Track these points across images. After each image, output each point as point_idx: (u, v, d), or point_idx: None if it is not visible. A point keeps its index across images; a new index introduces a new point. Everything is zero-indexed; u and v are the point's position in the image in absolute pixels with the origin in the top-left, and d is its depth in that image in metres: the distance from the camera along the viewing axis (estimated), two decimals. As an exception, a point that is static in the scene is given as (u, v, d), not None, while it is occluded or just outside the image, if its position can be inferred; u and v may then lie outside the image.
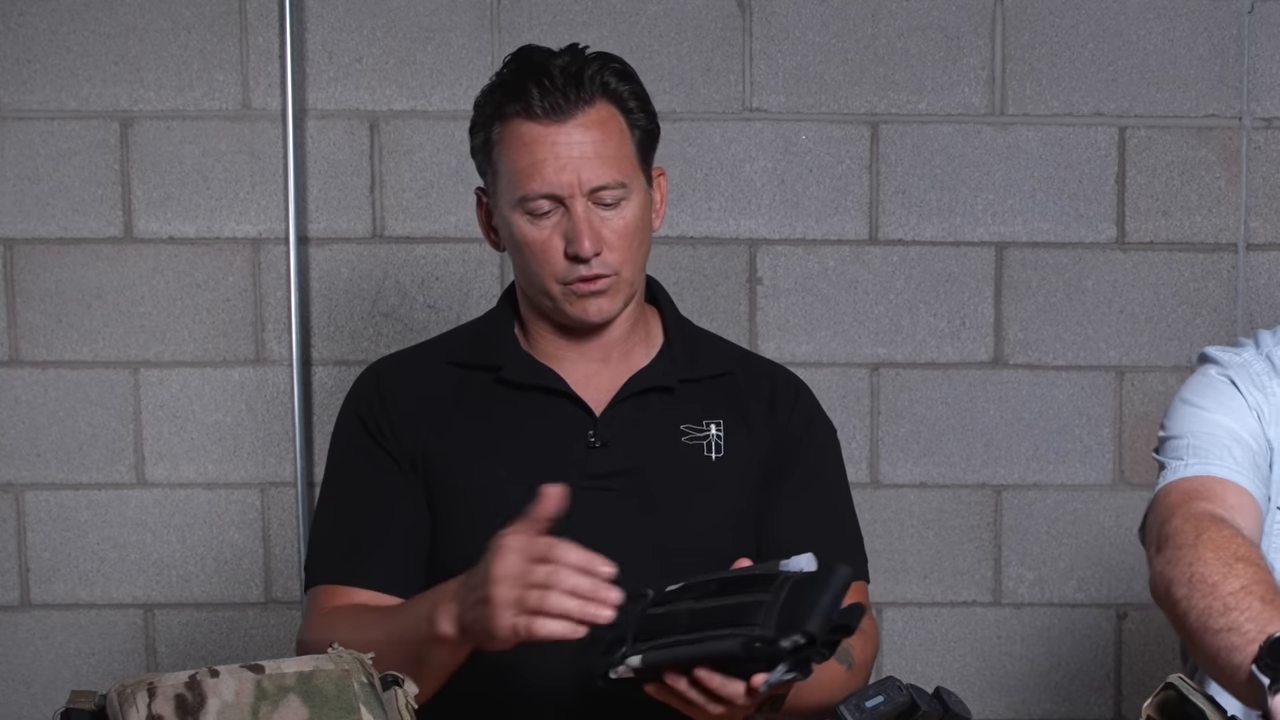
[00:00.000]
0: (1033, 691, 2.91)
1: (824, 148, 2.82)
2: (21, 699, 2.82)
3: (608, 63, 1.77)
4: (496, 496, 1.75)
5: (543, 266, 1.75)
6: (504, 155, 1.75)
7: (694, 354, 1.87)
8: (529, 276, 1.79)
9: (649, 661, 1.48)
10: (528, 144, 1.72)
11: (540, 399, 1.81)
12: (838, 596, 1.44)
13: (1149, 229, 2.84)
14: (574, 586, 1.47)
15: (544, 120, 1.72)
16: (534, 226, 1.74)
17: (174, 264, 2.79)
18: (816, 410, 1.91)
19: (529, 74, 1.74)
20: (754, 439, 1.83)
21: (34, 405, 2.79)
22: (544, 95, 1.71)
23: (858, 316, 2.84)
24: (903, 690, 1.54)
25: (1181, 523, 1.64)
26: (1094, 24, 2.81)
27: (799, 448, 1.86)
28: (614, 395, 1.81)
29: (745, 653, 1.42)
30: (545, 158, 1.72)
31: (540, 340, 1.84)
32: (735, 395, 1.86)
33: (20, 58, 2.74)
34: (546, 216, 1.74)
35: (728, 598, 1.48)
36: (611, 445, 1.79)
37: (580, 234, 1.71)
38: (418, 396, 1.83)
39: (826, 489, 1.89)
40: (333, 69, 2.78)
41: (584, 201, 1.72)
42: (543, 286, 1.77)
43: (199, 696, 1.32)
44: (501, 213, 1.78)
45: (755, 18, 2.79)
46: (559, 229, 1.73)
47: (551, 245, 1.74)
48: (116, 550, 2.81)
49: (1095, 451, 2.87)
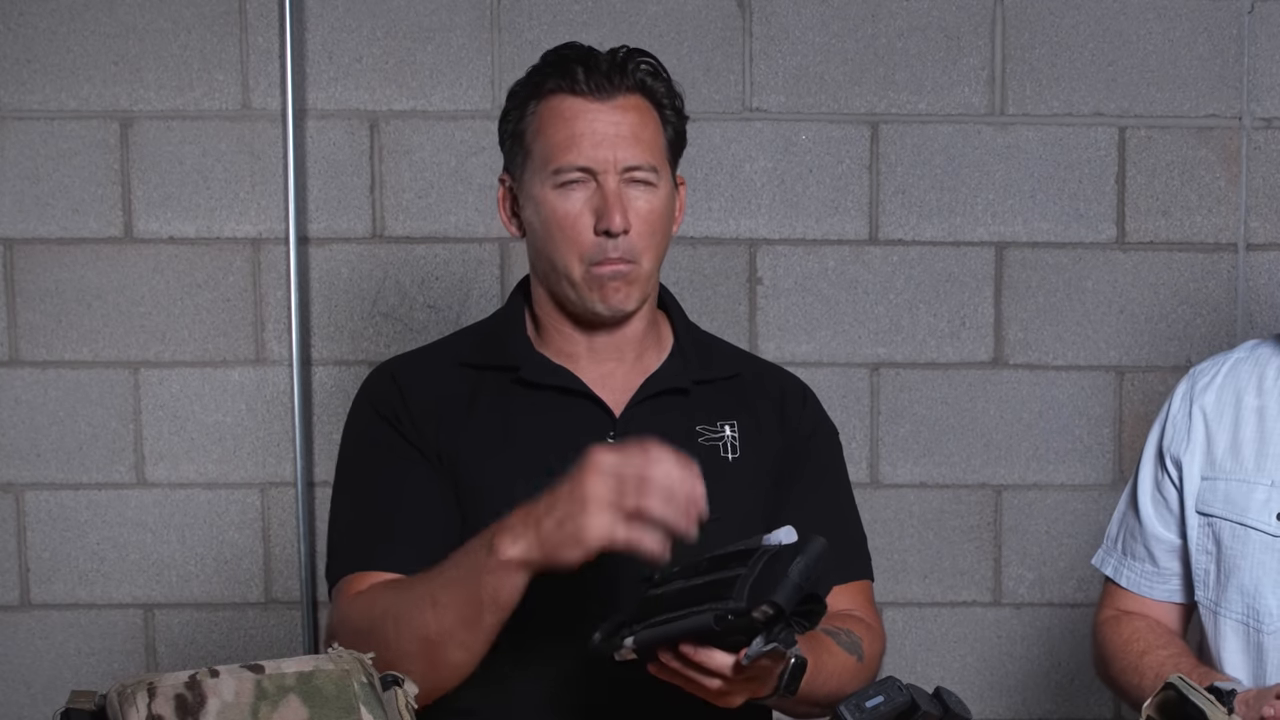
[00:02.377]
0: (1033, 691, 2.91)
1: (824, 148, 2.82)
2: (21, 699, 2.82)
3: (648, 60, 1.80)
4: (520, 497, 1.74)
5: (569, 244, 1.75)
6: (541, 131, 1.76)
7: (706, 357, 1.88)
8: (553, 259, 1.78)
9: (640, 641, 1.51)
10: (568, 118, 1.75)
11: (558, 399, 1.80)
12: (810, 566, 1.46)
13: (1149, 229, 2.85)
14: (670, 492, 1.48)
15: (587, 96, 1.75)
16: (565, 201, 1.75)
17: (174, 264, 2.79)
18: (822, 414, 1.94)
19: (574, 58, 1.77)
20: (766, 440, 1.85)
21: (34, 405, 2.79)
22: (589, 74, 1.75)
23: (858, 316, 2.84)
24: (903, 690, 1.55)
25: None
26: (1094, 24, 2.81)
27: (808, 451, 1.88)
28: (632, 396, 1.81)
29: (719, 626, 1.46)
30: (584, 132, 1.74)
31: (556, 338, 1.84)
32: (746, 397, 1.87)
33: (20, 58, 2.74)
34: (578, 191, 1.75)
35: (712, 574, 1.51)
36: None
37: (611, 208, 1.73)
38: (434, 397, 1.82)
39: (833, 491, 1.91)
40: (333, 69, 2.78)
41: (616, 179, 1.74)
42: (566, 269, 1.77)
43: (199, 696, 1.32)
44: (530, 192, 1.78)
45: (755, 18, 2.79)
46: (589, 205, 1.75)
47: (581, 221, 1.75)
48: (116, 550, 2.81)
49: (1095, 451, 2.87)
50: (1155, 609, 1.98)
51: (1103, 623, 2.01)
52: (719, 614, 1.46)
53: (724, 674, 1.50)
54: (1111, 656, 1.95)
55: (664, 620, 1.51)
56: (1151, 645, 1.90)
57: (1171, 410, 1.96)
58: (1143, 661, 1.88)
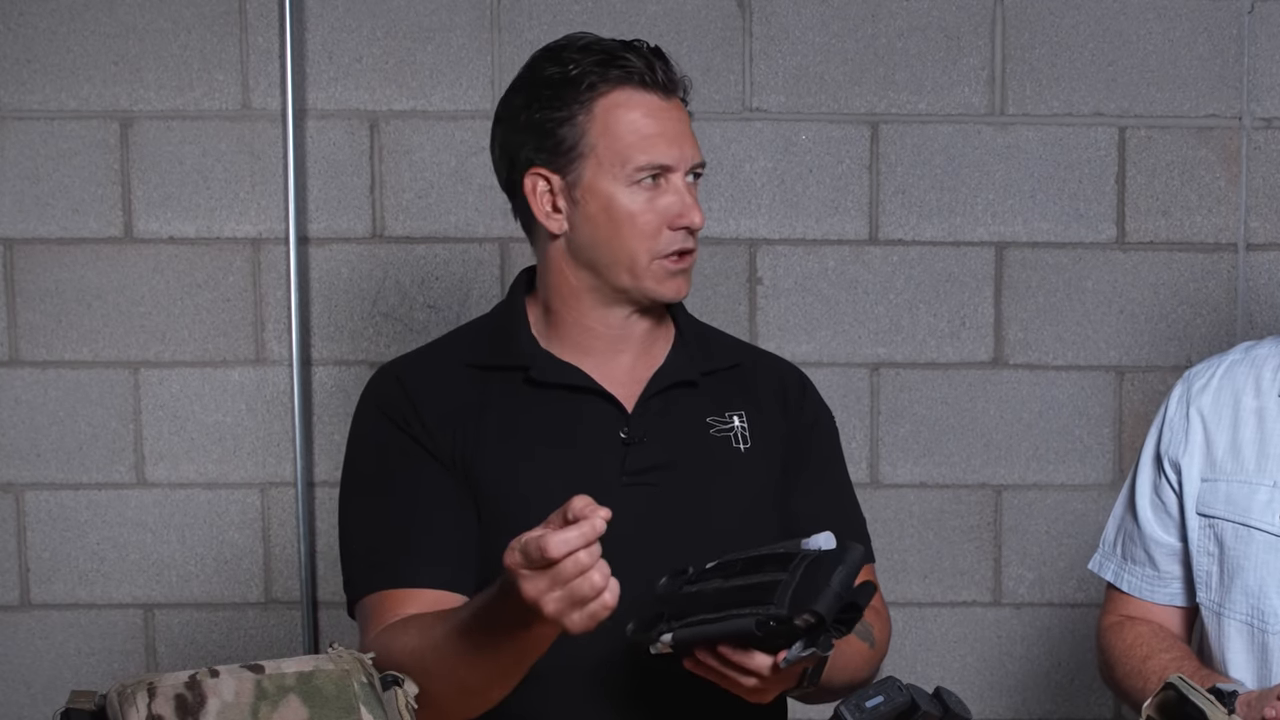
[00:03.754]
0: (1033, 691, 2.91)
1: (824, 148, 2.82)
2: (21, 699, 2.82)
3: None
4: (540, 496, 1.70)
5: (640, 238, 1.75)
6: (612, 123, 1.75)
7: (707, 347, 1.89)
8: (616, 251, 1.77)
9: (679, 639, 1.54)
10: (646, 114, 1.75)
11: (569, 397, 1.80)
12: (850, 575, 1.49)
13: (1149, 229, 2.84)
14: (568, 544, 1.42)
15: (658, 91, 1.76)
16: (641, 197, 1.75)
17: (174, 264, 2.79)
18: (820, 400, 1.95)
19: (626, 49, 1.76)
20: (772, 428, 1.86)
21: (34, 405, 2.79)
22: (653, 70, 1.75)
23: (858, 316, 2.84)
24: (903, 690, 1.55)
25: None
26: (1094, 24, 2.81)
27: (811, 439, 1.89)
28: (643, 390, 1.81)
29: (761, 631, 1.49)
30: (660, 130, 1.75)
31: (572, 330, 1.82)
32: (749, 386, 1.88)
33: (20, 58, 2.74)
34: (651, 188, 1.76)
35: (751, 576, 1.54)
36: (647, 440, 1.79)
37: (691, 206, 1.76)
38: (443, 399, 1.79)
39: (836, 477, 1.93)
40: (333, 69, 2.78)
41: (683, 176, 1.77)
42: (632, 260, 1.76)
43: (199, 696, 1.32)
44: (595, 187, 1.75)
45: (755, 18, 2.79)
46: (659, 200, 1.76)
47: (654, 216, 1.76)
48: (116, 550, 2.81)
49: (1095, 451, 2.87)
50: (1157, 613, 1.98)
51: (1106, 629, 2.01)
52: (761, 619, 1.48)
53: (761, 674, 1.53)
54: (1115, 662, 1.95)
55: (703, 620, 1.53)
56: (1155, 650, 1.90)
57: (1168, 414, 1.96)
58: (1146, 666, 1.88)
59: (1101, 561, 2.04)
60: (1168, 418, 1.96)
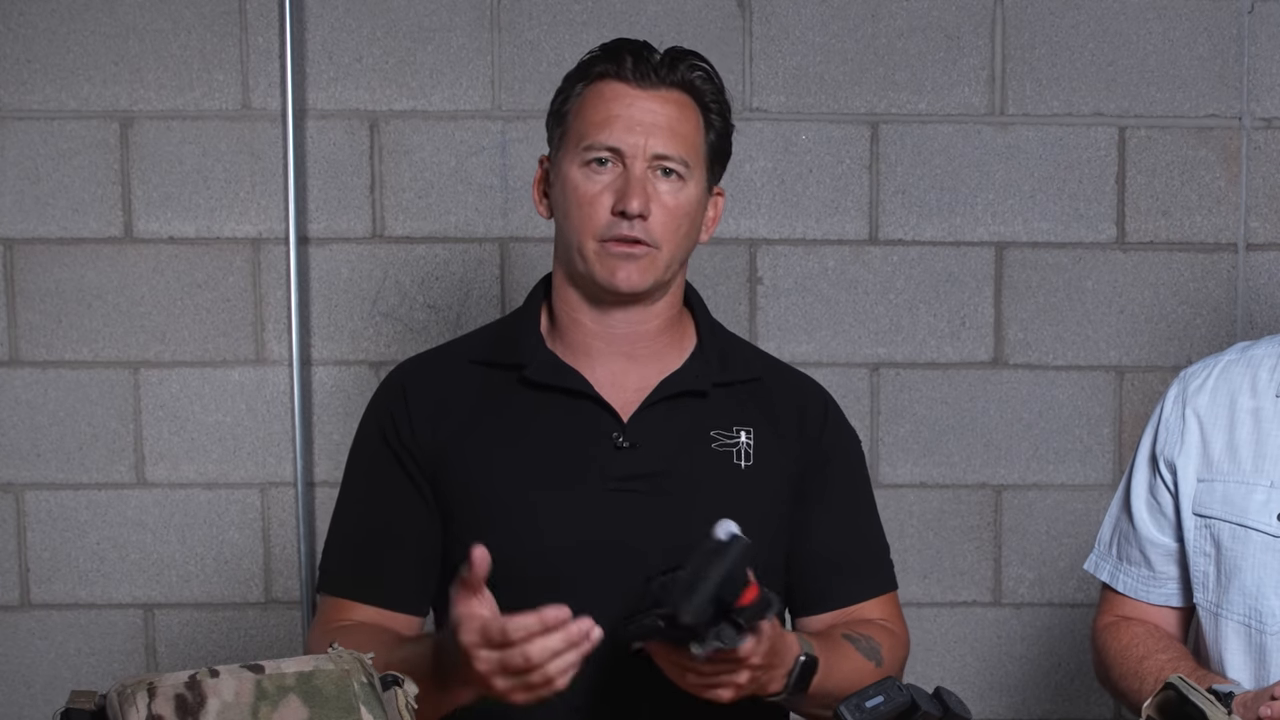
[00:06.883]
0: (1033, 691, 2.91)
1: (824, 148, 2.82)
2: (21, 699, 2.82)
3: (702, 65, 1.81)
4: (517, 499, 1.75)
5: (586, 221, 1.76)
6: (581, 110, 1.78)
7: (726, 358, 1.87)
8: (568, 235, 1.79)
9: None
10: (607, 100, 1.77)
11: (563, 400, 1.80)
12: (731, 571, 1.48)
13: (1149, 229, 2.85)
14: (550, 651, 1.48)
15: (631, 82, 1.77)
16: (589, 180, 1.76)
17: (174, 264, 2.79)
18: (845, 424, 1.93)
19: (628, 46, 1.80)
20: (784, 448, 1.84)
21: (34, 405, 2.79)
22: (637, 63, 1.77)
23: (858, 316, 2.84)
24: (903, 690, 1.55)
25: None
26: (1094, 24, 2.81)
27: (829, 467, 1.87)
28: (646, 397, 1.80)
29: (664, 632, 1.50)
30: (620, 114, 1.76)
31: (571, 330, 1.82)
32: (766, 403, 1.86)
33: (20, 58, 2.74)
34: (604, 171, 1.76)
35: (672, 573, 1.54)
36: (640, 447, 1.78)
37: (631, 190, 1.74)
38: (439, 399, 1.82)
39: (855, 505, 1.91)
40: (333, 69, 2.78)
41: (644, 165, 1.75)
42: (580, 243, 1.77)
43: (199, 696, 1.32)
44: (561, 170, 1.79)
45: (755, 18, 2.79)
46: (612, 187, 1.75)
47: (601, 200, 1.75)
48: (116, 550, 2.81)
49: (1095, 451, 2.87)
50: (1153, 613, 1.98)
51: (1102, 629, 2.01)
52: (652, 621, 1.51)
53: (691, 669, 1.54)
54: (1111, 662, 1.95)
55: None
56: (1151, 650, 1.90)
57: (1164, 414, 1.96)
58: (1142, 666, 1.88)
59: (1097, 562, 2.04)
60: (1163, 418, 1.96)
